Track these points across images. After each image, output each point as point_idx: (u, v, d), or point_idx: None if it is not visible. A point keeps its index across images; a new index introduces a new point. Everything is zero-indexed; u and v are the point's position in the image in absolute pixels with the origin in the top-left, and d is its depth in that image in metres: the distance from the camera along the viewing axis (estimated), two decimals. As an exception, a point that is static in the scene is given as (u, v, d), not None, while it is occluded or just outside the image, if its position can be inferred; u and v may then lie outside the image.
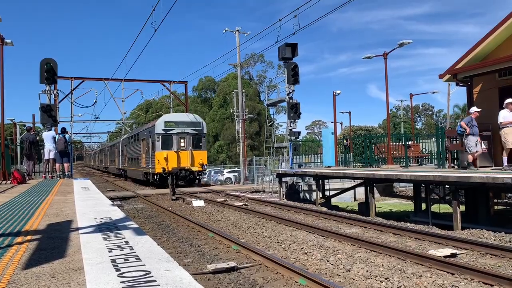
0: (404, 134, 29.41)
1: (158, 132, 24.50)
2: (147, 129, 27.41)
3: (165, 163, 23.84)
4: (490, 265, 7.27)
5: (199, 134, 25.54)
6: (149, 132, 26.07)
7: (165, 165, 23.73)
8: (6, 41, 16.47)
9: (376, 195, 18.57)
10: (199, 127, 25.59)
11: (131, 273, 3.10)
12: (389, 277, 6.53)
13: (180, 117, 26.12)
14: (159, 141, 24.28)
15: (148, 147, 25.95)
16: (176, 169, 23.56)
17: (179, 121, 25.26)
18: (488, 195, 13.06)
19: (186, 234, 10.76)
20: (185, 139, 24.82)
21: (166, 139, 24.49)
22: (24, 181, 15.14)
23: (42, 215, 6.33)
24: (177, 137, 24.62)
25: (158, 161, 23.93)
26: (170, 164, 23.94)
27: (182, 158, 24.47)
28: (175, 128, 24.72)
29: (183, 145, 24.73)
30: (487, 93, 15.41)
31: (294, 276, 6.61)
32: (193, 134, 25.16)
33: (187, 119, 25.62)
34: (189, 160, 24.45)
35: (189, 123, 25.35)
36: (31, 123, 36.62)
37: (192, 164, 24.56)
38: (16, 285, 2.92)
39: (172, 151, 24.40)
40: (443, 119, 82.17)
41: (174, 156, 24.34)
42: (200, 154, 25.22)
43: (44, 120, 17.51)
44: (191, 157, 24.56)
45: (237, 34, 30.24)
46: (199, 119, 26.42)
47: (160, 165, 23.75)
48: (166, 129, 24.49)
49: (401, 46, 20.15)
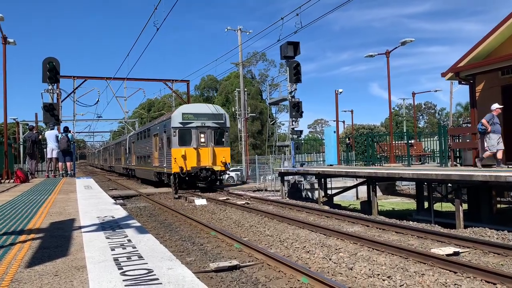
0: (406, 133, 29.37)
1: (175, 125, 21.12)
2: (161, 123, 23.95)
3: (183, 162, 20.67)
4: (493, 263, 7.26)
5: (221, 128, 22.18)
6: (164, 126, 22.78)
7: (183, 164, 20.60)
8: (8, 40, 16.51)
9: (379, 194, 18.54)
10: (221, 120, 22.14)
11: (133, 271, 3.11)
12: (392, 275, 6.53)
13: (200, 108, 22.49)
14: (176, 136, 21.01)
15: (162, 143, 22.80)
16: (196, 168, 20.75)
17: (199, 112, 21.80)
18: (490, 194, 13.03)
19: (189, 233, 10.78)
20: (206, 133, 21.57)
21: (184, 134, 21.31)
22: (27, 180, 15.19)
23: (45, 214, 6.34)
24: (196, 132, 21.35)
25: (174, 160, 20.66)
26: (188, 163, 20.84)
27: (203, 155, 21.28)
28: (194, 121, 21.38)
29: (203, 141, 21.47)
30: (490, 91, 15.37)
31: (297, 274, 6.61)
32: (214, 128, 21.85)
33: (208, 111, 22.15)
34: (210, 158, 21.22)
35: (210, 115, 21.90)
36: (34, 122, 36.72)
37: (214, 162, 21.36)
38: (19, 283, 2.93)
39: (191, 148, 21.14)
40: (446, 118, 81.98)
41: (194, 153, 21.13)
42: (223, 151, 21.94)
43: (47, 119, 17.56)
44: (212, 155, 21.32)
45: (239, 33, 30.23)
46: (221, 110, 22.98)
47: (177, 164, 20.52)
48: (184, 122, 21.18)
49: (403, 44, 20.11)
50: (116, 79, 31.55)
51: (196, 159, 21.10)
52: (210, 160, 21.26)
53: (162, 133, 22.96)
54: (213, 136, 21.75)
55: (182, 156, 20.65)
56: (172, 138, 21.07)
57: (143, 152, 28.88)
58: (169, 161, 21.37)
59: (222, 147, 21.97)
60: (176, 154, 20.80)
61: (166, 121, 22.54)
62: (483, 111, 14.99)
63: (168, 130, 21.73)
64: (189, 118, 21.38)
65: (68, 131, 18.66)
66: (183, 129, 21.25)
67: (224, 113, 22.80)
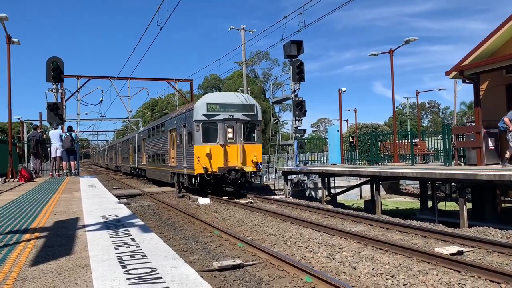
0: (410, 132, 29.29)
1: (198, 118, 17.99)
2: (179, 116, 20.80)
3: (208, 162, 17.57)
4: (497, 263, 7.23)
5: (252, 122, 18.94)
6: (183, 119, 19.64)
7: (208, 164, 17.51)
8: (13, 40, 16.57)
9: (382, 193, 18.51)
10: (252, 112, 18.85)
11: (137, 270, 3.12)
12: (395, 274, 6.52)
13: (227, 98, 19.10)
14: (200, 131, 17.91)
15: (182, 139, 19.81)
16: (223, 169, 17.57)
17: (227, 103, 18.51)
18: (495, 193, 12.98)
19: (192, 232, 10.79)
20: (234, 128, 18.38)
21: (209, 128, 18.18)
22: (31, 179, 15.25)
23: (49, 213, 6.37)
24: (223, 126, 18.13)
25: (198, 159, 17.58)
26: (214, 163, 17.70)
27: (231, 154, 18.16)
28: (221, 113, 18.23)
29: (231, 137, 18.31)
30: (494, 90, 15.30)
31: (300, 273, 6.61)
32: (244, 121, 18.62)
33: (236, 100, 18.87)
34: (240, 157, 17.99)
35: (239, 106, 18.65)
36: (38, 122, 36.85)
37: (244, 162, 18.13)
38: (24, 282, 2.95)
39: (217, 145, 17.94)
40: (450, 117, 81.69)
41: (220, 151, 17.93)
42: (254, 148, 18.74)
43: (51, 118, 17.62)
44: (242, 153, 18.10)
45: (243, 32, 30.21)
46: (251, 100, 19.56)
47: (201, 164, 17.49)
48: (209, 114, 18.00)
49: (407, 43, 20.05)
50: (119, 79, 31.67)
51: (223, 158, 17.93)
52: (239, 159, 17.99)
53: (180, 128, 19.99)
54: (243, 131, 18.50)
55: (206, 154, 17.63)
56: (194, 134, 18.02)
57: (156, 150, 25.95)
58: (190, 160, 18.38)
59: (253, 144, 18.78)
60: (199, 152, 17.75)
61: (186, 114, 19.37)
62: (487, 110, 14.94)
63: (189, 124, 18.74)
64: (215, 110, 18.17)
65: (72, 130, 18.73)
66: (207, 123, 18.08)
67: (256, 103, 19.41)
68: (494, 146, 14.44)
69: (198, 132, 17.91)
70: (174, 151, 21.31)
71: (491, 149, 14.34)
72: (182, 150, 19.52)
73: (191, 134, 18.40)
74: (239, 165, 17.90)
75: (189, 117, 18.67)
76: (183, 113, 20.03)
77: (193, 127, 18.00)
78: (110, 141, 67.74)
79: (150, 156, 27.44)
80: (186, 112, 19.47)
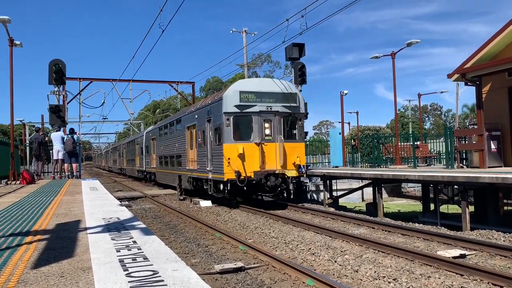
0: (412, 134, 29.24)
1: (229, 110, 14.75)
2: (201, 109, 17.37)
3: (241, 164, 14.45)
4: (500, 266, 7.21)
5: (294, 115, 15.64)
6: (207, 113, 16.37)
7: (241, 167, 14.42)
8: (15, 42, 16.63)
9: (384, 196, 18.50)
10: (293, 103, 15.57)
11: (139, 273, 3.12)
12: (397, 278, 6.49)
13: (264, 85, 15.57)
14: (230, 126, 14.72)
15: (205, 137, 16.55)
16: (260, 174, 14.47)
17: (264, 91, 15.24)
18: (497, 196, 12.94)
19: (194, 234, 10.78)
20: (273, 122, 15.14)
21: (243, 123, 15.01)
22: (33, 181, 15.28)
23: (51, 215, 6.37)
24: (259, 120, 14.93)
25: (228, 161, 14.47)
26: (249, 166, 14.53)
27: (268, 155, 14.90)
28: (257, 104, 14.98)
29: (269, 133, 15.08)
30: (497, 93, 15.28)
31: (302, 276, 6.60)
32: (285, 115, 15.42)
33: (275, 88, 15.53)
34: (279, 158, 14.81)
35: (279, 95, 15.40)
36: (40, 124, 36.94)
37: (285, 165, 14.94)
38: (26, 284, 2.94)
39: (251, 144, 14.75)
40: (452, 119, 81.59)
41: (256, 151, 14.71)
42: (296, 148, 15.43)
43: (53, 120, 17.65)
44: (282, 154, 14.87)
45: (244, 34, 30.26)
46: (293, 88, 16.11)
47: (232, 167, 14.39)
48: (242, 105, 14.82)
49: (409, 45, 20.05)
50: (121, 81, 31.71)
51: (260, 160, 14.65)
52: (279, 161, 14.81)
53: (203, 124, 16.78)
54: (282, 126, 15.28)
55: (239, 155, 14.39)
56: (224, 130, 14.79)
57: (169, 151, 22.74)
58: (218, 163, 15.17)
59: (294, 142, 15.50)
60: (230, 152, 14.50)
61: (212, 106, 16.05)
62: (490, 113, 14.91)
63: (216, 118, 15.46)
64: (250, 100, 14.90)
65: (74, 132, 18.78)
66: (240, 116, 14.87)
67: (297, 92, 16.11)
68: (496, 149, 14.41)
69: (229, 127, 14.70)
70: (194, 151, 18.20)
71: (494, 152, 14.31)
72: (206, 150, 16.39)
73: (218, 130, 15.24)
74: (279, 168, 14.77)
75: (216, 109, 15.37)
76: (207, 105, 16.56)
77: (222, 122, 14.80)
78: (112, 143, 67.20)
79: (162, 158, 24.41)
80: (212, 103, 16.06)
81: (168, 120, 24.40)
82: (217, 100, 15.42)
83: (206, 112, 16.47)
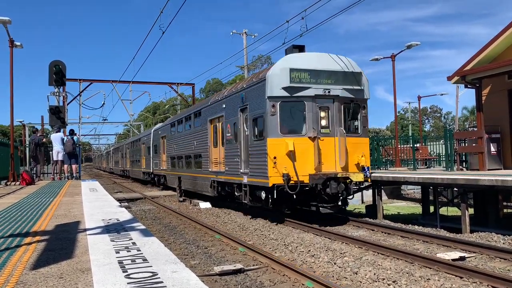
0: (412, 136, 29.24)
1: (275, 94, 11.47)
2: (234, 95, 13.80)
3: (291, 164, 11.11)
4: (499, 268, 7.20)
5: (356, 101, 12.31)
6: (241, 99, 13.05)
7: (291, 169, 11.07)
8: (16, 43, 16.65)
9: (384, 198, 18.46)
10: (357, 85, 12.24)
11: (138, 274, 3.11)
12: (397, 280, 6.49)
13: (321, 61, 12.08)
14: (277, 114, 11.45)
15: (237, 131, 13.28)
16: (319, 178, 11.05)
17: (321, 69, 11.84)
18: (497, 198, 12.93)
19: (193, 236, 10.78)
20: (331, 110, 11.92)
21: (292, 110, 11.76)
22: (32, 182, 15.28)
23: (50, 216, 6.37)
24: (314, 107, 11.67)
25: (274, 160, 11.18)
26: (302, 167, 11.19)
27: (326, 153, 11.64)
28: (312, 86, 11.66)
29: (325, 125, 11.87)
30: (496, 95, 15.29)
31: (301, 278, 6.59)
32: (346, 101, 12.12)
33: (335, 66, 12.10)
34: (341, 157, 11.66)
35: (339, 75, 12.04)
36: (40, 125, 36.97)
37: (346, 166, 11.63)
38: (25, 286, 2.94)
39: (304, 138, 11.50)
40: (452, 121, 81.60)
41: (310, 148, 11.42)
42: (359, 144, 12.19)
43: (53, 122, 17.66)
44: (344, 152, 11.60)
45: (244, 36, 30.29)
46: (355, 66, 12.46)
47: (279, 169, 11.11)
48: (292, 88, 11.51)
49: (409, 48, 20.08)
50: (121, 82, 31.79)
51: (316, 160, 11.29)
52: (339, 161, 11.64)
53: (235, 114, 13.49)
54: (343, 116, 12.03)
55: (289, 153, 11.10)
56: (267, 120, 11.42)
57: (183, 150, 19.78)
58: (258, 163, 11.84)
59: (357, 137, 12.24)
60: (276, 149, 11.21)
61: (250, 89, 12.58)
62: (490, 115, 14.92)
63: (256, 104, 12.11)
64: (302, 80, 11.50)
65: (74, 133, 18.78)
66: (290, 101, 11.56)
67: (361, 71, 12.46)
68: (496, 151, 14.42)
69: (274, 116, 11.38)
70: (219, 150, 15.06)
71: (493, 154, 14.32)
72: (238, 147, 13.18)
73: (261, 120, 11.86)
74: (341, 171, 11.52)
75: (256, 94, 12.15)
76: (241, 90, 13.20)
77: (266, 109, 11.46)
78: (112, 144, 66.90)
79: (174, 158, 21.32)
80: (249, 87, 12.64)
81: (182, 115, 20.97)
82: (258, 82, 12.07)
83: (240, 99, 13.11)
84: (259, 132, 12.02)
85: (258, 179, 11.92)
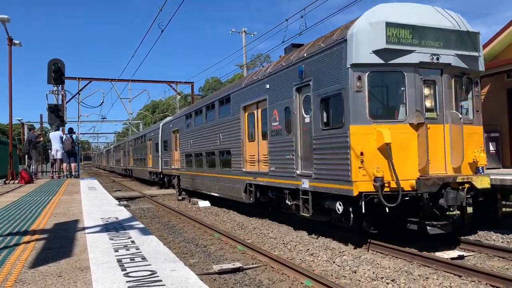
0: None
1: (362, 60, 7.88)
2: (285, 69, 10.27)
3: (387, 164, 7.66)
4: (498, 267, 7.21)
5: (469, 73, 8.87)
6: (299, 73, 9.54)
7: (388, 170, 7.63)
8: (14, 42, 16.62)
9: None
10: (473, 51, 8.58)
11: (137, 272, 3.11)
12: (396, 279, 6.49)
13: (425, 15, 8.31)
14: (364, 90, 7.91)
15: (291, 117, 9.94)
16: (432, 183, 7.59)
17: (426, 25, 8.11)
18: (496, 197, 12.95)
19: (192, 235, 10.78)
20: (438, 86, 8.38)
21: (386, 85, 8.42)
22: (31, 181, 15.26)
23: (49, 215, 6.37)
24: (417, 80, 8.08)
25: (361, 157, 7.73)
26: (402, 167, 7.64)
27: (434, 147, 8.13)
28: (415, 49, 7.97)
29: (431, 107, 8.33)
30: (495, 94, 15.30)
31: (300, 277, 6.60)
32: (457, 73, 8.63)
33: (445, 22, 8.38)
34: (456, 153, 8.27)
35: (450, 35, 8.33)
36: (39, 123, 36.94)
37: (459, 167, 8.36)
38: (23, 284, 2.94)
39: (404, 125, 7.94)
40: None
41: (413, 139, 7.90)
42: (473, 135, 8.79)
43: (52, 120, 17.65)
44: (460, 145, 8.32)
45: (244, 35, 30.29)
46: (467, 24, 8.67)
47: (368, 170, 7.65)
48: (388, 51, 7.82)
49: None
50: (120, 81, 31.77)
51: (423, 155, 7.92)
52: (453, 158, 8.28)
53: (287, 95, 10.14)
54: (455, 94, 8.65)
55: (383, 147, 7.72)
56: (350, 98, 7.93)
57: (205, 145, 16.32)
58: (334, 162, 8.35)
59: (470, 125, 8.84)
60: (364, 141, 7.84)
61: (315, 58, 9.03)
62: (488, 114, 14.92)
63: (328, 77, 8.59)
64: (402, 40, 7.90)
65: (73, 132, 18.77)
66: (384, 71, 8.15)
67: (479, 31, 8.77)
68: (495, 150, 14.43)
69: (361, 93, 7.91)
70: (258, 144, 11.99)
71: (492, 153, 14.33)
72: (293, 140, 9.86)
73: (335, 101, 8.41)
74: (453, 172, 8.28)
75: (328, 63, 8.59)
76: (299, 60, 9.61)
77: (347, 84, 7.94)
78: (111, 144, 66.63)
79: (191, 156, 18.08)
80: (314, 55, 9.08)
81: (204, 103, 17.18)
82: (330, 46, 8.50)
83: (297, 75, 9.65)
84: (334, 117, 8.51)
85: (331, 184, 8.41)
